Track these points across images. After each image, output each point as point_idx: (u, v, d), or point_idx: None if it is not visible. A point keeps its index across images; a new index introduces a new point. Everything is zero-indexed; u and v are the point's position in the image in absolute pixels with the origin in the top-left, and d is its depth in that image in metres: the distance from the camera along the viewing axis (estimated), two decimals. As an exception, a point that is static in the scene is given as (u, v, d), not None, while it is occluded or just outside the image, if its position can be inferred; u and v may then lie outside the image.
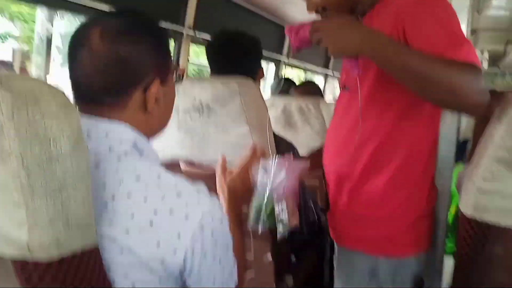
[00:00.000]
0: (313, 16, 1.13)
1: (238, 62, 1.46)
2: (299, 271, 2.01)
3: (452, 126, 1.07)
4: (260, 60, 1.57)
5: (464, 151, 1.82)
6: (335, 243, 1.33)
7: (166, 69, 0.84)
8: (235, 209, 1.04)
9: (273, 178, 1.02)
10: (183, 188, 0.75)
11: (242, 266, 0.96)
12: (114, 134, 0.77)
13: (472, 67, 0.89)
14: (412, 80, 0.92)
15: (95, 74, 0.77)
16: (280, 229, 1.00)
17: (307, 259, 2.08)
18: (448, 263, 1.16)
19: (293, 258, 2.00)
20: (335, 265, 1.27)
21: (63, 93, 0.65)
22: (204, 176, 1.24)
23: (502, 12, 4.47)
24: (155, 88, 0.80)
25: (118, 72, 0.77)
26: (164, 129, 0.91)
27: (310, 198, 2.19)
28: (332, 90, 5.67)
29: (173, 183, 0.75)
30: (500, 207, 0.91)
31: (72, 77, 0.80)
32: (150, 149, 0.83)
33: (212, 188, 0.85)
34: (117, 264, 0.73)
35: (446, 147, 1.06)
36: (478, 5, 3.94)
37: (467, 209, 0.94)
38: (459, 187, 1.09)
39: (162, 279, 0.75)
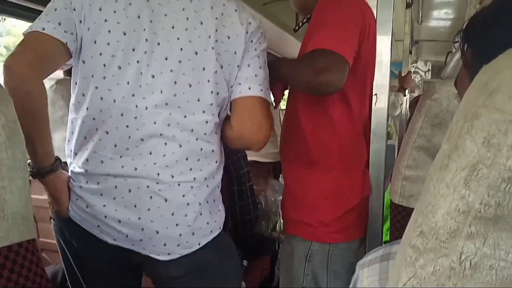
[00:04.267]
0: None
1: None
2: (251, 276, 2.04)
3: (381, 122, 1.15)
4: None
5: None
6: None
7: None
8: None
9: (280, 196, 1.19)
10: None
11: None
12: None
13: (312, 53, 1.01)
14: (287, 81, 1.18)
15: None
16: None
17: (259, 263, 2.12)
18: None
19: (245, 263, 2.04)
20: (279, 250, 1.33)
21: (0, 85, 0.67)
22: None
23: (442, 23, 4.72)
24: None
25: None
26: None
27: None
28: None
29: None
30: (424, 193, 0.98)
31: None
32: None
33: None
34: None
35: (377, 142, 1.14)
36: (418, 17, 4.15)
37: (395, 196, 1.02)
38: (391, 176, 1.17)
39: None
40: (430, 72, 6.84)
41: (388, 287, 0.33)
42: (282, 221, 1.31)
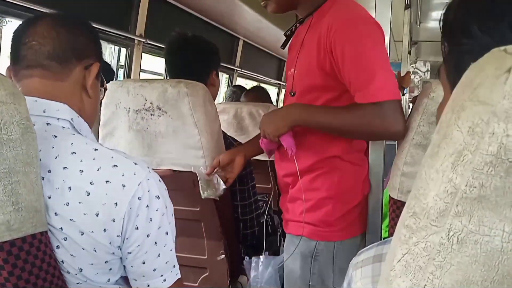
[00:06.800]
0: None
1: (189, 66, 1.53)
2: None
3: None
4: (210, 66, 1.63)
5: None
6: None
7: (102, 68, 0.92)
8: None
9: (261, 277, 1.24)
10: (119, 160, 0.79)
11: None
12: (52, 111, 0.81)
13: (375, 106, 1.04)
14: (331, 131, 1.15)
15: (48, 39, 0.84)
16: None
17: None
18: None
19: (247, 259, 2.06)
20: (284, 249, 1.35)
21: (12, 82, 0.70)
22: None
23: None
24: (96, 68, 0.88)
25: (68, 41, 0.85)
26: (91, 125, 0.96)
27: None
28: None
29: (109, 156, 0.79)
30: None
31: (20, 44, 0.85)
32: (87, 130, 0.88)
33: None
34: (63, 243, 0.76)
35: (376, 145, 1.18)
36: (417, 18, 4.19)
37: (394, 192, 1.05)
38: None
39: (108, 257, 0.79)
40: (429, 72, 6.87)
41: (384, 268, 0.36)
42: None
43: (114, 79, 2.37)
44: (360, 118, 1.06)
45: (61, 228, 0.75)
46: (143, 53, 2.67)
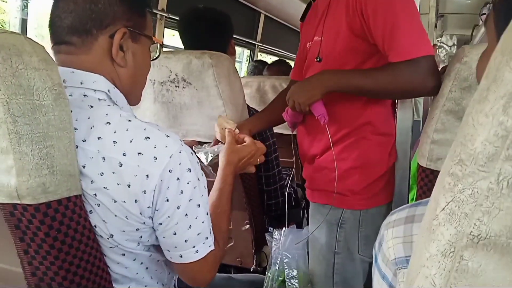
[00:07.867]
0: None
1: (208, 37, 1.51)
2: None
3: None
4: (229, 36, 1.62)
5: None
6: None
7: (138, 26, 0.88)
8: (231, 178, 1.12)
9: (282, 247, 1.23)
10: (152, 132, 0.78)
11: (224, 238, 0.98)
12: (89, 83, 0.82)
13: (411, 63, 1.03)
14: (367, 93, 1.14)
15: (66, 13, 0.82)
16: None
17: (284, 231, 2.16)
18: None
19: (271, 230, 2.08)
20: (309, 218, 1.36)
21: (44, 48, 0.70)
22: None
23: (468, -4, 4.59)
24: (119, 35, 0.84)
25: (86, 11, 0.82)
26: (140, 91, 0.97)
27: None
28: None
29: (142, 128, 0.79)
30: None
31: (50, 23, 0.85)
32: (123, 101, 0.88)
33: None
34: (95, 209, 0.78)
35: (404, 110, 1.16)
36: (444, -11, 4.04)
37: (423, 160, 1.03)
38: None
39: (140, 226, 0.81)
40: (455, 46, 6.66)
41: (425, 219, 0.35)
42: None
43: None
44: (397, 76, 1.05)
45: (95, 195, 0.77)
46: (165, 28, 2.66)
